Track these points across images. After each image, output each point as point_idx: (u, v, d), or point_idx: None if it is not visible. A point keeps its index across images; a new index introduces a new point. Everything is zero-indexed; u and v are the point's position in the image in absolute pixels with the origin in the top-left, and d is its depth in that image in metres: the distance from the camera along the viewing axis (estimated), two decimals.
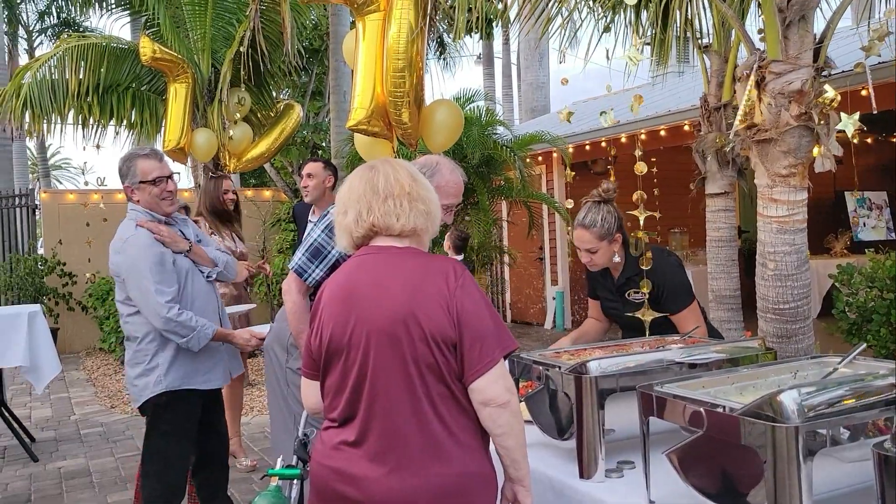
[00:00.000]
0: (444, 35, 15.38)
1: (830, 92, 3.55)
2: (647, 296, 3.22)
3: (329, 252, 3.20)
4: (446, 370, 2.00)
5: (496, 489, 2.12)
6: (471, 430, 2.05)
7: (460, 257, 7.94)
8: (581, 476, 2.31)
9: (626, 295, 3.50)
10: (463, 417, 2.04)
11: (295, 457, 3.00)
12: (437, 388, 2.00)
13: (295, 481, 2.83)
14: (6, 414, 6.57)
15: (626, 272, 3.52)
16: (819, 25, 3.90)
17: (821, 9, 4.07)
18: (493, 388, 2.01)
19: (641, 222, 3.30)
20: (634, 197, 3.28)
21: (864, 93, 6.07)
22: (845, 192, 11.08)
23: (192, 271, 3.79)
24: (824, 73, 3.80)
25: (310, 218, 5.92)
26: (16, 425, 6.61)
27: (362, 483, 2.01)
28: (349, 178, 2.22)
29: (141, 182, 3.67)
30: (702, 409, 1.88)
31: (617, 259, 3.48)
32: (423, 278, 2.04)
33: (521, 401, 2.70)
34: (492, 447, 2.14)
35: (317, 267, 3.22)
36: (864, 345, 2.28)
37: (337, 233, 2.22)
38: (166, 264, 3.65)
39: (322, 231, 3.24)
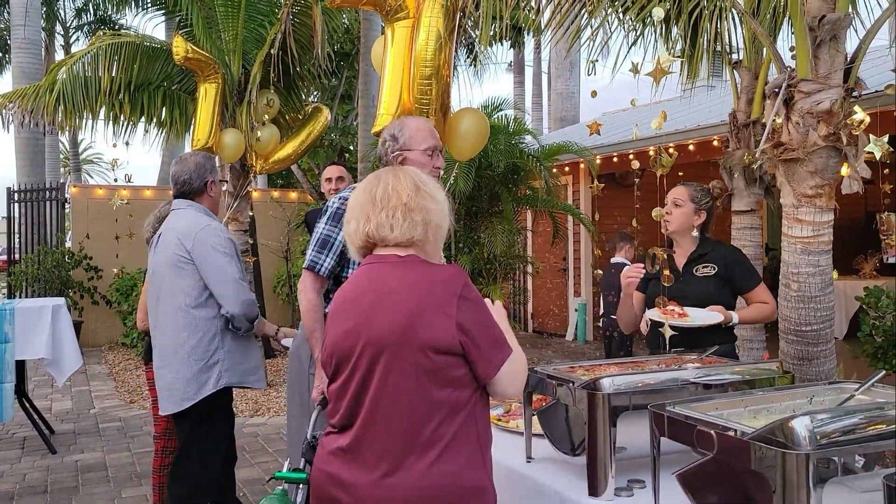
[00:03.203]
0: (475, 42, 15.37)
1: (860, 114, 3.50)
2: (667, 303, 3.28)
3: (335, 239, 3.21)
4: (447, 376, 2.00)
5: None
6: (472, 441, 2.05)
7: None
8: (591, 493, 2.29)
9: (694, 270, 3.62)
10: (465, 427, 2.03)
11: (303, 460, 3.01)
12: (438, 395, 2.00)
13: (301, 485, 2.83)
14: (27, 405, 6.64)
15: (698, 250, 3.67)
16: (851, 44, 3.86)
17: (854, 28, 4.03)
18: (505, 390, 2.09)
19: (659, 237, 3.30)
20: (654, 213, 3.27)
21: (895, 114, 5.99)
22: (876, 213, 10.92)
23: None
24: (854, 93, 3.75)
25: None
26: (36, 416, 6.68)
27: (353, 489, 2.03)
28: (357, 187, 2.26)
29: (222, 180, 3.89)
30: (713, 432, 1.85)
31: (695, 234, 3.65)
32: (423, 288, 2.05)
33: (533, 414, 2.70)
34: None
35: (326, 256, 3.23)
36: (883, 372, 2.24)
37: (347, 242, 2.26)
38: (239, 255, 3.78)
39: (325, 223, 3.26)
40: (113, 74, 8.60)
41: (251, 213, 9.56)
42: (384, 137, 3.36)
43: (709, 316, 3.46)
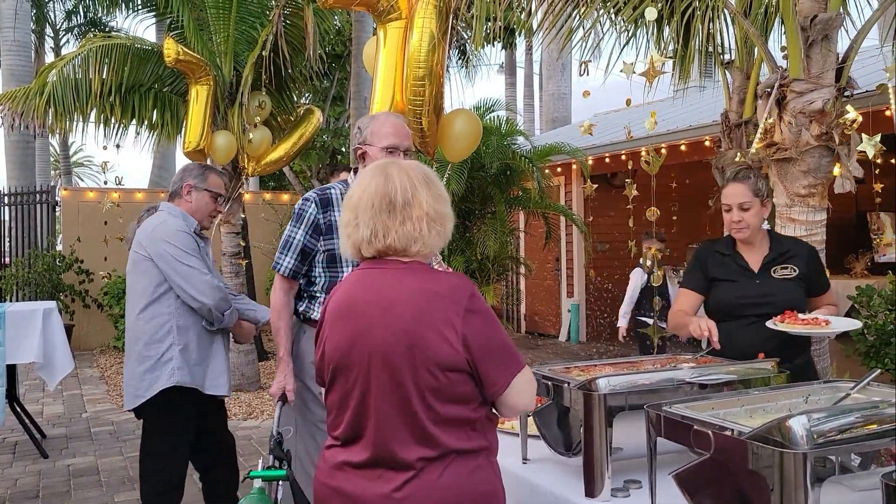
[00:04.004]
0: (467, 44, 15.38)
1: (852, 113, 3.51)
2: (658, 312, 3.19)
3: (293, 239, 3.23)
4: (453, 393, 1.92)
5: None
6: (482, 448, 1.99)
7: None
8: (587, 494, 2.28)
9: (772, 272, 3.26)
10: (475, 437, 1.97)
11: (271, 456, 3.00)
12: (444, 410, 1.91)
13: (280, 482, 2.82)
14: (18, 409, 6.60)
15: (775, 248, 3.30)
16: (842, 45, 3.87)
17: (845, 28, 4.04)
18: (507, 409, 2.02)
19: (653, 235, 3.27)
20: (648, 213, 3.26)
21: (887, 113, 6.01)
22: (868, 213, 10.97)
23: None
24: (846, 92, 3.76)
25: None
26: (27, 421, 6.64)
27: (363, 503, 1.96)
28: (362, 182, 2.05)
29: (206, 189, 3.85)
30: (709, 432, 1.85)
31: (767, 226, 3.32)
32: (427, 298, 1.93)
33: (529, 415, 2.69)
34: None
35: (285, 256, 3.23)
36: (879, 370, 2.24)
37: (343, 240, 2.08)
38: (200, 250, 3.76)
39: (290, 225, 3.28)
40: (103, 77, 8.56)
41: (243, 216, 9.54)
42: (355, 126, 3.34)
43: (848, 322, 3.11)
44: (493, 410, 2.05)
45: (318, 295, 3.24)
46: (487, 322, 1.95)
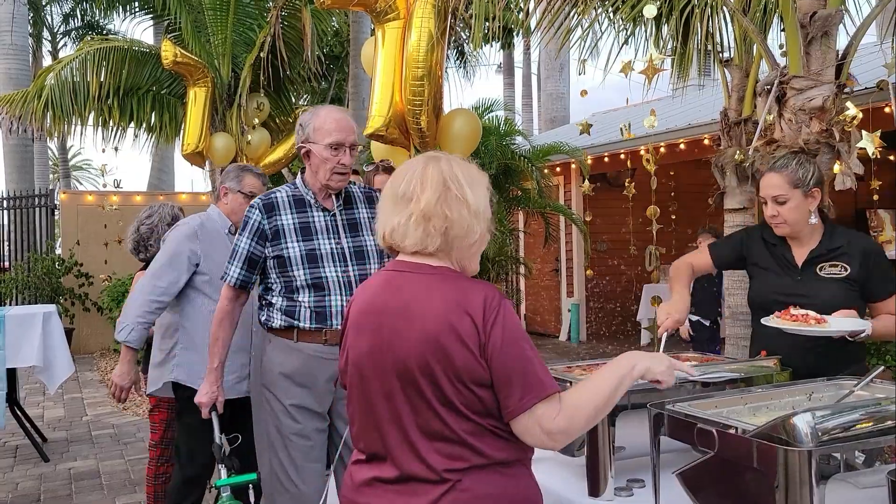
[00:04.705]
0: (465, 44, 15.38)
1: (852, 109, 3.51)
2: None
3: (238, 247, 3.10)
4: (483, 406, 1.80)
5: None
6: (519, 457, 1.88)
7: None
8: (590, 494, 2.27)
9: (818, 269, 2.84)
10: (508, 447, 1.85)
11: (222, 466, 3.00)
12: (477, 421, 1.81)
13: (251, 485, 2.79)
14: (19, 413, 6.59)
15: (825, 243, 2.86)
16: (842, 42, 3.86)
17: (844, 25, 4.03)
18: (526, 437, 1.81)
19: (654, 235, 3.25)
20: (648, 211, 3.23)
21: (887, 110, 6.01)
22: (867, 210, 10.98)
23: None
24: (846, 89, 3.76)
25: None
26: (28, 425, 6.63)
27: None
28: (407, 174, 1.94)
29: (240, 191, 3.80)
30: (713, 430, 1.84)
31: (814, 220, 2.85)
32: (455, 308, 1.82)
33: None
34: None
35: (232, 265, 3.12)
36: (882, 367, 2.23)
37: (384, 229, 1.94)
38: (180, 256, 3.64)
39: (237, 234, 3.16)
40: (101, 79, 8.58)
41: None
42: (297, 124, 3.20)
43: (854, 323, 2.66)
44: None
45: (275, 301, 3.08)
46: (514, 339, 1.81)
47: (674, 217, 9.31)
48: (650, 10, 3.11)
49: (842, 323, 2.64)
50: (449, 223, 1.88)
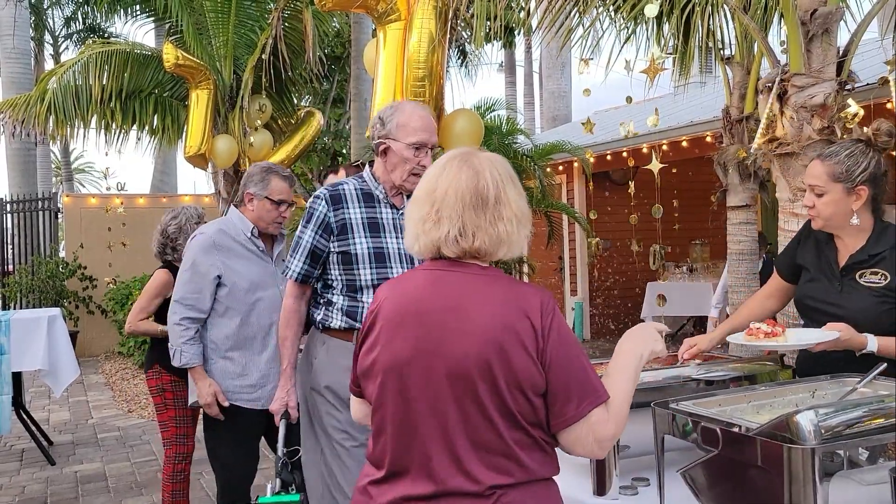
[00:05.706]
0: (466, 44, 15.38)
1: (854, 107, 3.51)
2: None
3: (302, 240, 2.93)
4: (536, 416, 1.71)
5: None
6: (551, 472, 1.77)
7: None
8: (595, 493, 2.28)
9: (858, 275, 2.55)
10: (547, 462, 1.76)
11: (279, 480, 2.81)
12: (529, 432, 1.71)
13: None
14: (25, 417, 6.61)
15: (870, 247, 2.55)
16: (843, 38, 3.87)
17: (845, 22, 4.04)
18: (577, 446, 1.72)
19: (659, 233, 3.25)
20: (653, 210, 3.23)
21: (888, 106, 6.01)
22: None
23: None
24: (847, 86, 3.76)
25: None
26: (34, 428, 6.64)
27: None
28: (444, 173, 1.82)
29: (266, 197, 3.58)
30: (717, 428, 1.85)
31: (856, 221, 2.53)
32: (510, 311, 1.71)
33: None
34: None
35: (294, 259, 2.94)
36: (885, 364, 2.23)
37: (415, 236, 1.83)
38: (198, 268, 3.52)
39: (300, 225, 2.98)
40: (104, 83, 8.60)
41: None
42: (376, 116, 3.00)
43: (820, 335, 2.38)
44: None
45: (336, 300, 2.92)
46: (569, 345, 1.73)
47: (676, 215, 9.32)
48: (651, 10, 3.11)
49: (801, 335, 2.43)
50: (530, 222, 1.85)
